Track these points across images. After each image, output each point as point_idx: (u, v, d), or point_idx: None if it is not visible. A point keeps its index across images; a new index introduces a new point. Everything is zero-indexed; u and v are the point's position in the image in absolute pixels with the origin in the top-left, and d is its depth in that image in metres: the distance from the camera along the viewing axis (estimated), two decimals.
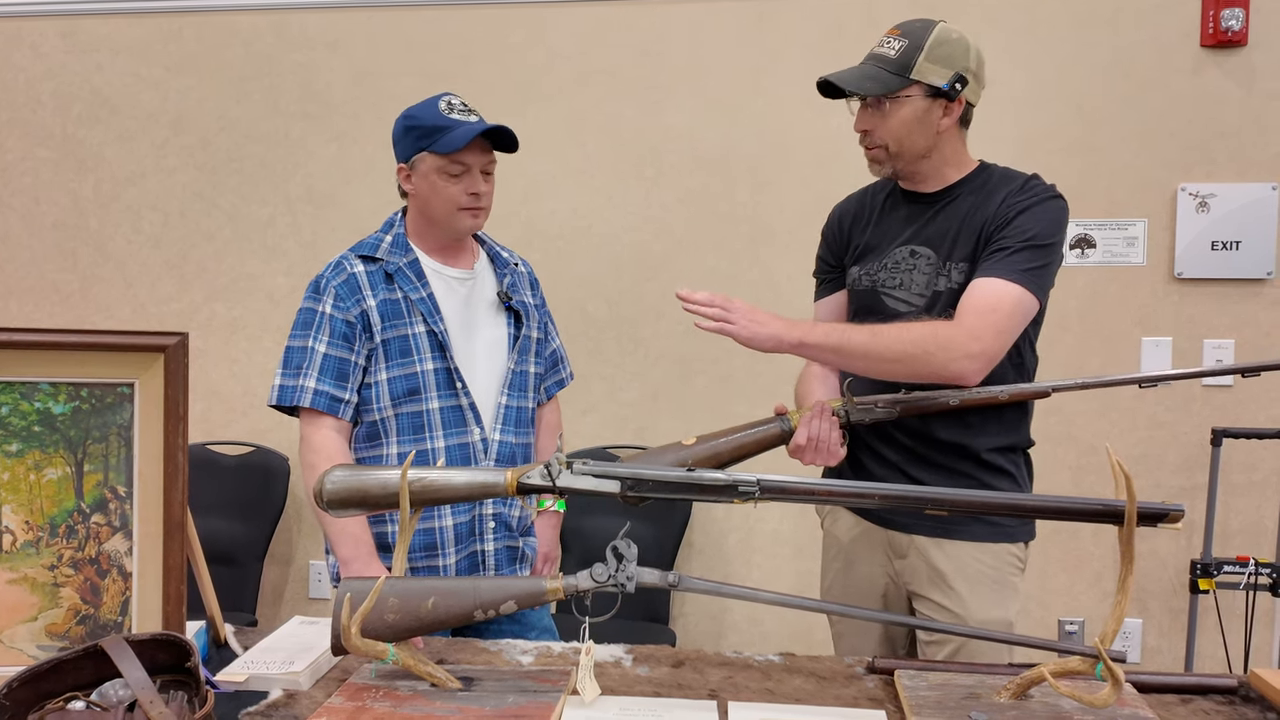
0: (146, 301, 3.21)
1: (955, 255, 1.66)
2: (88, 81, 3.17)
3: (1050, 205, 1.64)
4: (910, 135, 1.65)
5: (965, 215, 1.66)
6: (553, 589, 1.29)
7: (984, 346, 1.54)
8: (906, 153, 1.67)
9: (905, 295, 1.70)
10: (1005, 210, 1.62)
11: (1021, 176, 1.69)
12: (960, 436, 1.67)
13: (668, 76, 2.97)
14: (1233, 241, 2.76)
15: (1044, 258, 1.60)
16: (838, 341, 1.56)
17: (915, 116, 1.64)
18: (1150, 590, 2.87)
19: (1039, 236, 1.59)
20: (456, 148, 1.76)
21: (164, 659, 1.19)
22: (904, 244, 1.72)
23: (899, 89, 1.63)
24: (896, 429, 1.69)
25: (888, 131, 1.65)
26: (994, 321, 1.55)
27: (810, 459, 1.65)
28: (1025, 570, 1.73)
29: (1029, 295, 1.57)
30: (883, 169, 1.71)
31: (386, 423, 1.81)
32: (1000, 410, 1.67)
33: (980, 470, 1.68)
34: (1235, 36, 2.71)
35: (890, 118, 1.64)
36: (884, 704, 1.29)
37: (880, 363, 1.55)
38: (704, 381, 3.01)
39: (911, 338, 1.54)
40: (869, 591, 1.78)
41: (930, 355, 1.52)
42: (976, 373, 1.56)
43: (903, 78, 1.63)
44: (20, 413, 1.34)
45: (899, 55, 1.63)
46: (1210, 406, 2.81)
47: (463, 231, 1.86)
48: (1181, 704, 1.30)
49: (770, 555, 3.03)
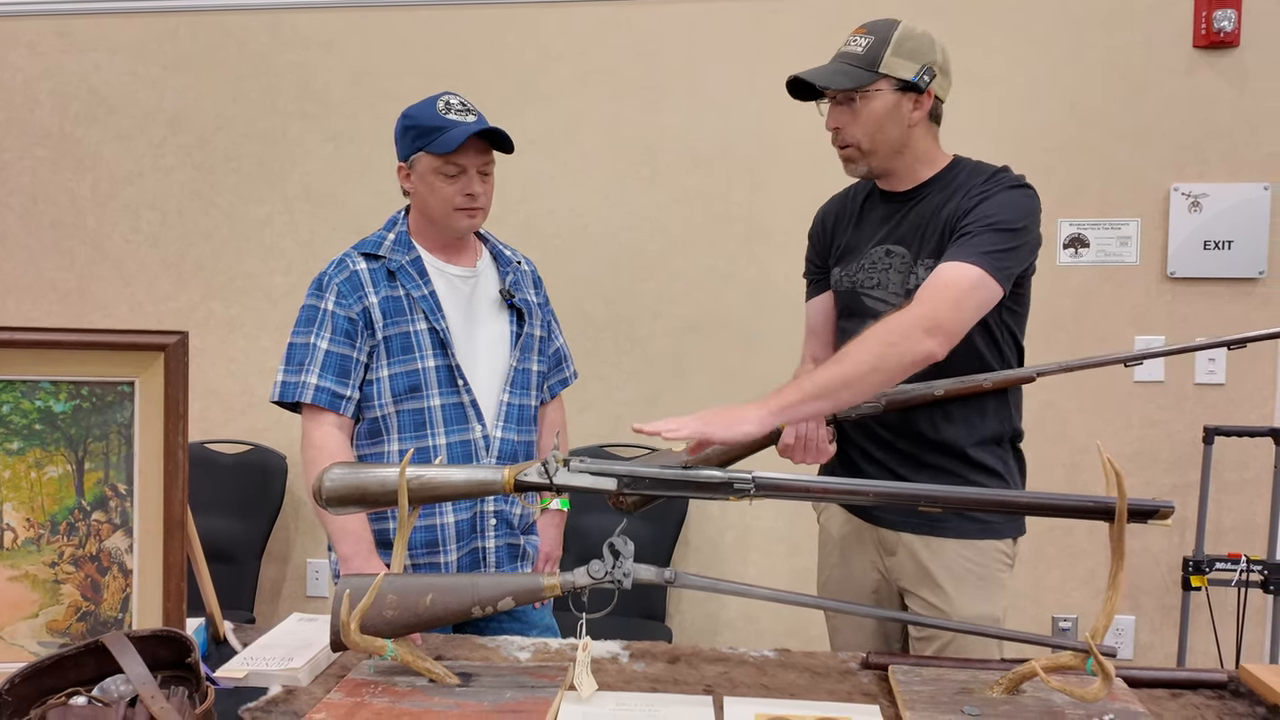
0: (144, 300, 3.22)
1: (925, 251, 1.67)
2: (85, 81, 3.18)
3: (1014, 192, 1.63)
4: (882, 130, 1.66)
5: (934, 211, 1.67)
6: (550, 585, 1.30)
7: (938, 320, 1.50)
8: (880, 149, 1.67)
9: (883, 295, 1.71)
10: (968, 201, 1.63)
11: (990, 169, 1.69)
12: (944, 431, 1.67)
13: (665, 77, 2.98)
14: (1225, 241, 2.78)
15: (1006, 241, 1.57)
16: (814, 388, 1.49)
17: (885, 111, 1.65)
18: (1143, 587, 2.89)
19: (1001, 221, 1.58)
20: (451, 149, 1.77)
21: (165, 655, 1.20)
22: (879, 244, 1.74)
23: (868, 83, 1.64)
24: (882, 427, 1.70)
25: (859, 127, 1.66)
26: (948, 296, 1.52)
27: (800, 458, 1.67)
28: (1014, 566, 1.73)
29: (987, 277, 1.54)
30: (857, 168, 1.72)
31: (388, 420, 1.82)
32: (983, 402, 1.67)
33: (967, 468, 1.68)
34: (1227, 37, 2.73)
35: (860, 113, 1.65)
36: (878, 699, 1.30)
37: (860, 383, 1.50)
38: (700, 380, 3.02)
39: (872, 342, 1.51)
40: (862, 587, 1.80)
41: (893, 347, 1.49)
42: (941, 345, 1.51)
43: (871, 72, 1.64)
44: (21, 411, 1.35)
45: (866, 51, 1.65)
46: (1202, 405, 2.83)
47: (459, 231, 1.87)
48: (1171, 698, 1.32)
49: (766, 552, 3.04)
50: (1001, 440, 1.72)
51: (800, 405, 1.49)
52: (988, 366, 1.65)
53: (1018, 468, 1.76)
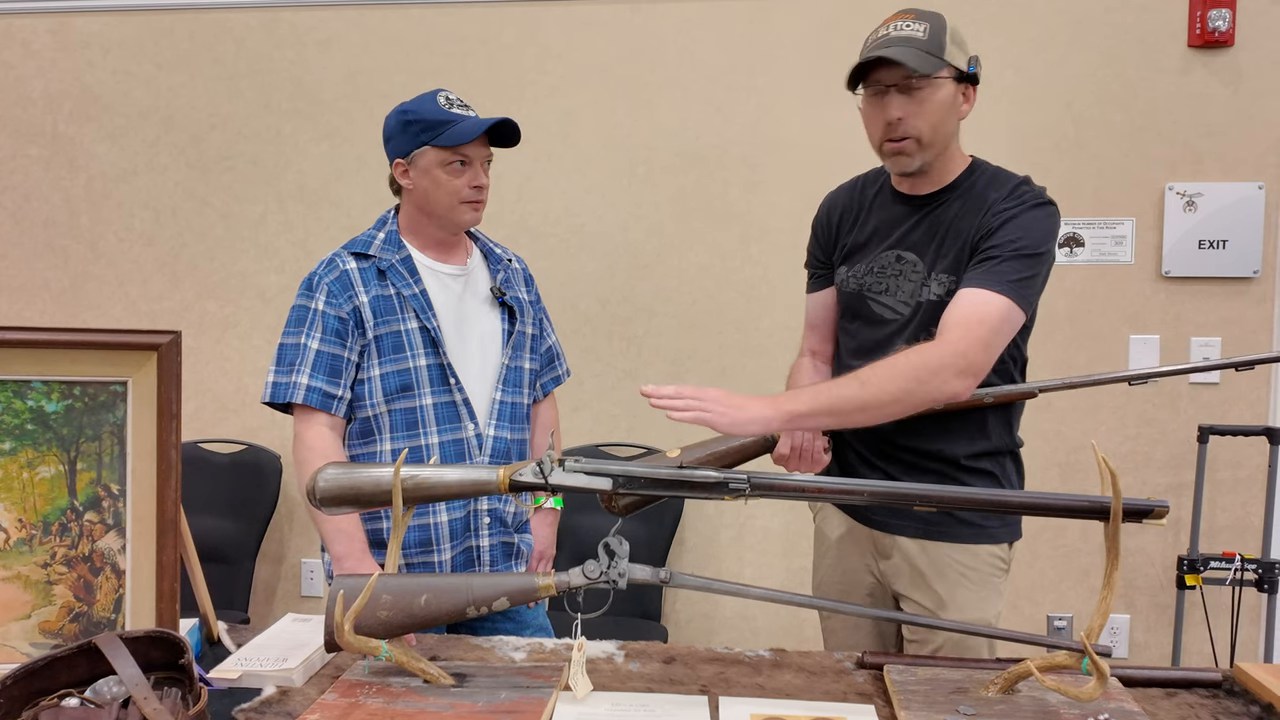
0: (138, 299, 3.21)
1: (939, 265, 1.62)
2: (78, 79, 3.17)
3: (1039, 213, 1.59)
4: (944, 122, 1.58)
5: (951, 221, 1.62)
6: (545, 585, 1.29)
7: (970, 361, 1.49)
8: (938, 142, 1.59)
9: (891, 302, 1.68)
10: (992, 219, 1.58)
11: (1011, 180, 1.63)
12: (940, 443, 1.65)
13: (660, 75, 2.98)
14: (1219, 240, 2.78)
15: (1031, 268, 1.55)
16: (828, 403, 1.45)
17: (949, 101, 1.58)
18: (1138, 586, 2.90)
19: (1027, 246, 1.54)
20: (463, 140, 1.77)
21: (158, 656, 1.19)
22: (891, 248, 1.69)
23: (939, 70, 1.55)
24: (879, 439, 1.67)
25: (924, 118, 1.56)
26: (980, 335, 1.50)
27: (795, 466, 1.66)
28: (1009, 571, 1.72)
29: (1015, 308, 1.52)
30: (910, 162, 1.61)
31: (380, 419, 1.82)
32: (983, 416, 1.65)
33: (962, 474, 1.66)
34: (1222, 37, 2.73)
35: (926, 102, 1.56)
36: (873, 698, 1.30)
37: (878, 409, 1.48)
38: (696, 380, 3.02)
39: (901, 374, 1.47)
40: (857, 589, 1.79)
41: (923, 384, 1.47)
42: (969, 387, 1.51)
43: (939, 58, 1.55)
44: (13, 411, 1.34)
45: (929, 37, 1.55)
46: (1197, 404, 2.84)
47: (463, 225, 1.87)
48: (1166, 697, 1.32)
49: (761, 552, 3.04)
50: (1000, 453, 1.69)
51: (810, 418, 1.46)
52: (989, 381, 1.61)
53: (1016, 474, 1.73)
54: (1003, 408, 1.67)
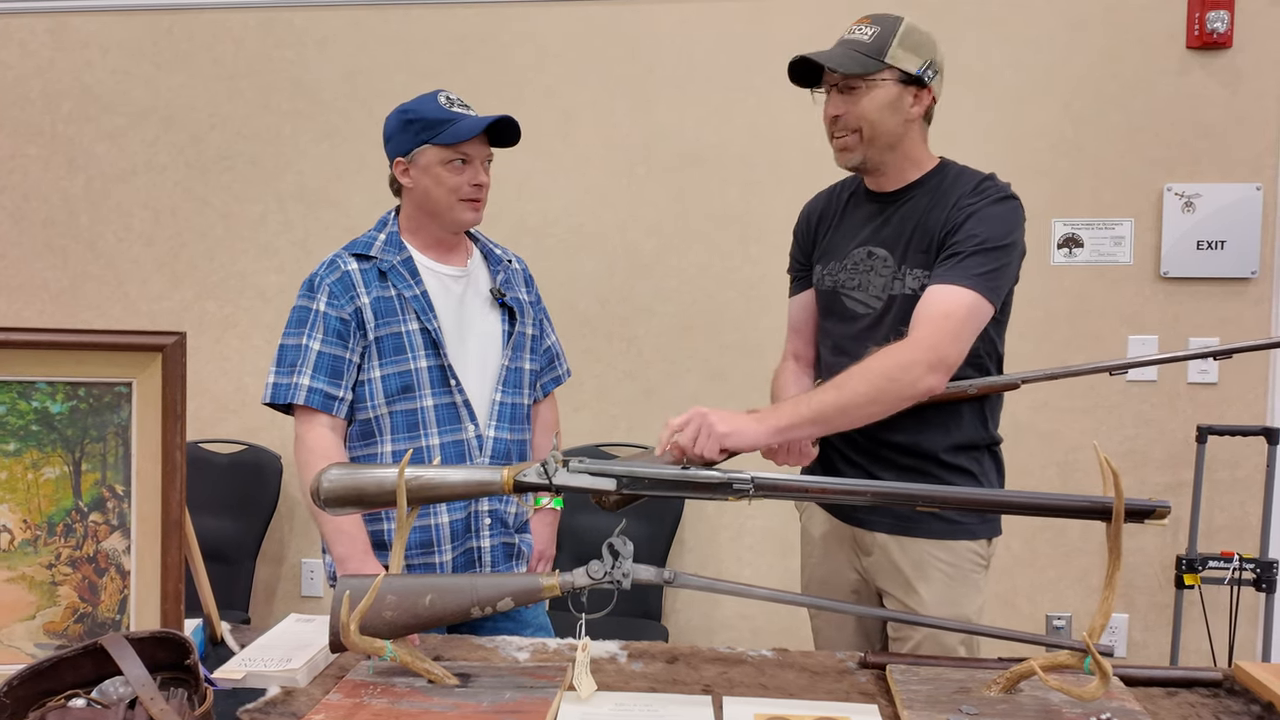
0: (138, 299, 3.21)
1: (910, 260, 1.67)
2: (77, 79, 3.16)
3: (1001, 207, 1.63)
4: (883, 120, 1.65)
5: (920, 217, 1.67)
6: (549, 586, 1.30)
7: (941, 355, 1.54)
8: (879, 139, 1.67)
9: (863, 297, 1.72)
10: (956, 214, 1.63)
11: (976, 177, 1.68)
12: (917, 438, 1.67)
13: (658, 75, 2.98)
14: (1218, 241, 2.79)
15: (996, 260, 1.59)
16: (810, 413, 1.52)
17: (888, 101, 1.65)
18: (1136, 585, 2.91)
19: (990, 239, 1.59)
20: (464, 138, 1.78)
21: (163, 657, 1.19)
22: (862, 244, 1.74)
23: (874, 71, 1.64)
24: (858, 431, 1.67)
25: (860, 114, 1.65)
26: (949, 329, 1.55)
27: (783, 459, 1.68)
28: (989, 567, 1.73)
29: (983, 300, 1.57)
30: (852, 156, 1.70)
31: (380, 421, 1.82)
32: (958, 409, 1.68)
33: (941, 470, 1.67)
34: (1220, 38, 2.74)
35: (863, 100, 1.64)
36: (876, 698, 1.31)
37: (857, 411, 1.54)
38: (695, 379, 3.03)
39: (874, 374, 1.53)
40: (841, 586, 1.80)
41: (896, 382, 1.52)
42: (942, 380, 1.56)
43: (878, 61, 1.64)
44: (18, 412, 1.34)
45: (873, 40, 1.65)
46: (1195, 404, 2.85)
47: (463, 224, 1.87)
48: (1167, 696, 1.32)
49: (760, 552, 3.05)
50: (977, 446, 1.71)
51: (796, 429, 1.54)
52: (962, 375, 1.64)
53: (995, 470, 1.75)
54: (978, 403, 1.70)
